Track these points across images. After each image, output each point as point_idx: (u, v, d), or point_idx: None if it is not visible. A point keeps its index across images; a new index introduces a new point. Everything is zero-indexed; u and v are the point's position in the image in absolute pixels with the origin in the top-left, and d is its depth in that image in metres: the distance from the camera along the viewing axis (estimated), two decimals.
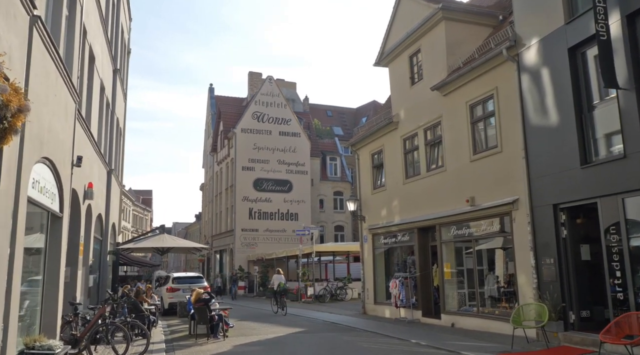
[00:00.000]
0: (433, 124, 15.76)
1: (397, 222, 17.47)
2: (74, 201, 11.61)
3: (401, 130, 17.53)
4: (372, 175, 19.68)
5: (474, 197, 13.65)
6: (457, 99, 14.55)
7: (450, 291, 14.96)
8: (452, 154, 14.74)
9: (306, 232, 27.72)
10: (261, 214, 40.44)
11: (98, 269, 16.57)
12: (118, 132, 19.46)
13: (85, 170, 12.56)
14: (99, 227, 16.40)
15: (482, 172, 13.47)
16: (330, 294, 27.06)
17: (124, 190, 65.72)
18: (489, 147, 13.41)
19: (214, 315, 13.01)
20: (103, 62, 14.87)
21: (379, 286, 18.97)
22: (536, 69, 11.67)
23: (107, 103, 16.42)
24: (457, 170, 14.47)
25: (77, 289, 11.91)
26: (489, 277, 13.73)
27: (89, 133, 12.62)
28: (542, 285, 11.16)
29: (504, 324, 12.32)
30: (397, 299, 16.31)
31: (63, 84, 8.93)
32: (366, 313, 19.33)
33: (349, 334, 13.77)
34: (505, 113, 12.72)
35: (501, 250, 13.38)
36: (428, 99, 15.89)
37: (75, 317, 9.83)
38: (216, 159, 47.53)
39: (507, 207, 12.41)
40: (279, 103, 42.73)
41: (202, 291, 13.39)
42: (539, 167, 11.48)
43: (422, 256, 16.33)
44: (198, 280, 21.54)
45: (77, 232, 12.04)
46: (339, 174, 46.99)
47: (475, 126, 14.01)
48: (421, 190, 16.24)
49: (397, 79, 18.06)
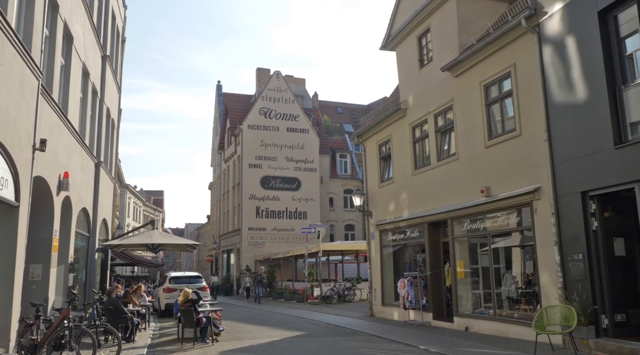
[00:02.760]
0: (444, 109, 14.42)
1: (406, 216, 16.15)
2: (42, 191, 10.50)
3: (410, 117, 16.20)
4: (379, 168, 18.36)
5: (489, 187, 12.29)
6: (470, 79, 13.20)
7: (464, 292, 13.59)
8: (465, 140, 13.39)
9: (312, 230, 26.45)
10: (268, 212, 39.26)
11: (85, 268, 15.50)
12: (110, 123, 18.40)
13: (61, 159, 11.45)
14: (85, 222, 15.32)
15: (498, 159, 12.11)
16: (338, 295, 25.78)
17: (134, 190, 65.41)
18: (506, 130, 12.04)
19: (201, 318, 11.81)
20: (86, 44, 13.78)
21: (387, 286, 17.64)
22: (560, 40, 10.29)
23: (93, 90, 15.34)
24: (471, 158, 13.12)
25: (49, 288, 10.80)
26: (507, 276, 12.35)
27: (65, 118, 11.52)
28: (569, 285, 9.76)
29: (524, 328, 10.96)
30: (406, 300, 14.98)
31: (15, 53, 7.80)
32: (373, 315, 18.02)
33: (351, 339, 12.48)
34: (525, 92, 11.35)
35: (520, 245, 12.01)
36: (438, 82, 14.56)
37: (36, 320, 8.68)
38: (223, 156, 46.51)
39: (528, 197, 11.03)
40: (286, 98, 41.54)
41: (191, 291, 12.20)
42: (564, 150, 10.09)
43: (433, 253, 14.98)
44: (196, 280, 20.42)
45: (49, 226, 10.92)
46: (350, 172, 45.64)
47: (491, 108, 12.64)
48: (431, 182, 14.90)
49: (404, 63, 16.73)
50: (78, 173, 13.37)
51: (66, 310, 8.78)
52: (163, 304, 19.63)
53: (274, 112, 40.82)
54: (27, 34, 8.67)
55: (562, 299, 9.80)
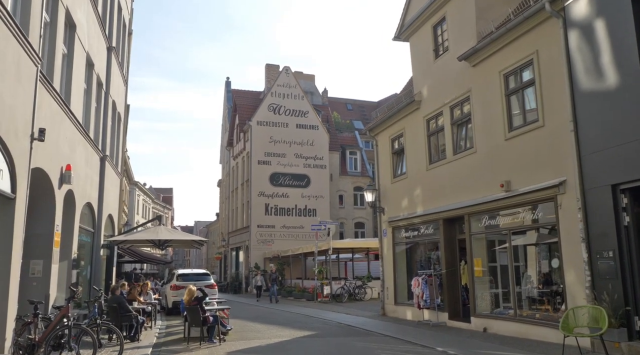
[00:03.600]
0: (461, 100, 13.83)
1: (420, 213, 15.58)
2: (43, 184, 10.09)
3: (424, 109, 15.62)
4: (391, 163, 17.80)
5: (509, 182, 11.69)
6: (488, 68, 12.61)
7: (482, 291, 13.02)
8: (483, 132, 12.80)
9: (322, 227, 25.91)
10: (278, 209, 38.78)
11: (90, 264, 15.11)
12: (116, 117, 18.00)
13: (63, 151, 11.03)
14: (90, 218, 14.93)
15: (519, 151, 11.51)
16: (348, 294, 25.25)
17: (143, 187, 65.26)
18: (527, 122, 11.43)
19: (207, 317, 11.34)
20: (90, 34, 13.36)
21: (400, 285, 17.09)
22: (588, 23, 9.68)
23: (98, 81, 14.93)
24: (489, 152, 12.53)
25: (50, 285, 10.38)
26: (527, 274, 11.76)
27: (67, 109, 11.09)
28: (598, 284, 9.17)
29: (547, 330, 10.39)
30: (420, 299, 14.42)
31: (9, 35, 7.36)
32: (385, 315, 17.48)
33: (364, 339, 11.96)
34: (548, 81, 10.74)
35: (543, 242, 11.41)
36: (455, 73, 13.97)
37: (34, 318, 8.25)
38: (232, 153, 46.12)
39: (552, 191, 10.43)
40: (296, 94, 41.01)
41: (196, 289, 11.73)
42: (593, 140, 9.49)
43: (449, 251, 14.41)
44: (204, 277, 20.00)
45: (50, 221, 10.51)
46: (360, 169, 45.05)
47: (511, 99, 12.04)
48: (447, 177, 14.32)
49: (419, 53, 16.15)
50: (82, 166, 12.96)
51: (65, 308, 8.34)
52: (170, 302, 19.22)
53: (283, 108, 40.33)
54: (24, 18, 8.23)
55: (591, 299, 9.20)
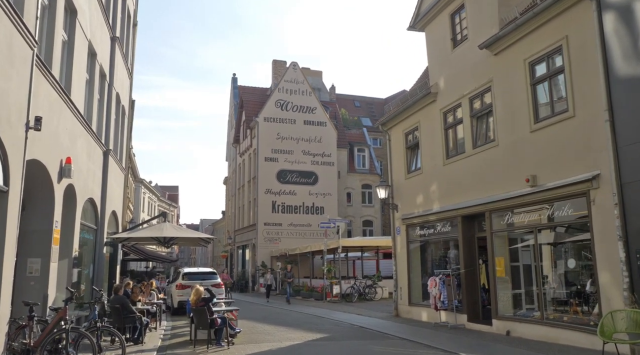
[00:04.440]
0: (481, 91, 13.13)
1: (436, 210, 14.90)
2: (41, 177, 9.49)
3: (441, 102, 14.93)
4: (405, 158, 17.10)
5: (535, 176, 10.99)
6: (512, 57, 11.90)
7: (504, 292, 12.32)
8: (506, 125, 12.10)
9: (332, 225, 25.24)
10: (285, 207, 38.16)
11: (92, 263, 14.53)
12: (120, 110, 17.41)
13: (63, 143, 10.43)
14: (92, 214, 14.35)
15: (546, 144, 10.81)
16: (358, 293, 24.59)
17: (148, 185, 64.83)
18: (555, 112, 10.72)
19: (215, 319, 10.72)
20: (92, 22, 12.76)
21: (414, 285, 16.41)
22: (626, 4, 8.97)
23: (101, 72, 14.34)
24: (513, 144, 11.83)
25: (49, 285, 9.79)
26: (554, 274, 11.06)
27: (68, 99, 10.49)
28: (638, 286, 8.47)
29: (579, 334, 9.71)
30: (437, 300, 13.75)
31: (2, 14, 6.74)
32: (399, 315, 16.81)
33: (380, 343, 11.31)
34: (579, 68, 10.04)
35: (573, 240, 10.71)
36: (474, 62, 13.28)
37: (29, 321, 7.66)
38: (239, 150, 45.52)
39: (584, 186, 9.73)
40: (303, 90, 40.35)
41: (203, 289, 11.12)
42: (630, 131, 8.79)
43: (467, 249, 13.72)
44: (210, 276, 19.40)
45: (48, 216, 9.91)
46: (368, 166, 44.35)
47: (537, 88, 11.33)
48: (466, 172, 13.63)
49: (435, 43, 15.45)
50: (84, 160, 12.36)
51: (63, 310, 7.74)
52: (176, 302, 18.65)
53: (291, 105, 39.67)
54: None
55: (630, 302, 8.51)
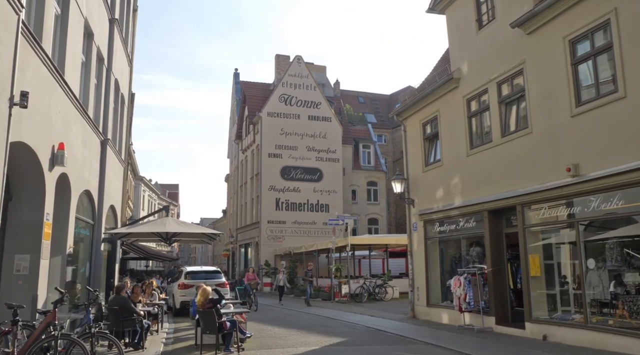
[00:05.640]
0: (511, 74, 12.08)
1: (459, 204, 13.86)
2: (29, 164, 8.46)
3: (464, 88, 13.88)
4: (423, 149, 16.06)
5: (577, 165, 9.96)
6: (549, 35, 10.86)
7: (539, 292, 11.28)
8: (542, 110, 11.06)
9: (340, 222, 24.19)
10: (289, 204, 37.09)
11: (89, 261, 13.49)
12: (119, 98, 16.35)
13: (55, 126, 9.39)
14: (89, 208, 13.31)
15: (591, 129, 9.77)
16: (368, 293, 23.56)
17: (148, 183, 63.72)
18: (601, 94, 9.68)
19: (224, 322, 9.67)
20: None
21: (433, 285, 15.38)
22: None
23: (98, 55, 13.29)
24: (550, 131, 10.78)
25: (38, 285, 8.74)
26: (596, 273, 10.01)
27: (60, 78, 9.44)
28: None
29: (632, 340, 8.66)
30: (462, 301, 12.72)
31: None
32: (416, 317, 15.78)
33: (404, 349, 10.26)
34: (631, 44, 9.01)
35: (623, 236, 9.66)
36: (504, 43, 12.24)
37: (13, 326, 6.61)
38: (241, 146, 44.45)
39: (638, 175, 8.69)
40: (308, 85, 39.27)
41: (211, 289, 10.08)
42: None
43: (495, 246, 12.69)
44: (215, 275, 18.38)
45: (38, 208, 8.86)
46: (373, 163, 43.29)
47: (579, 68, 10.29)
48: (493, 162, 12.60)
49: (457, 26, 14.40)
50: (79, 148, 11.32)
51: (51, 313, 6.71)
52: (178, 302, 17.62)
53: (295, 99, 38.61)
54: None
55: None
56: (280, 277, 24.26)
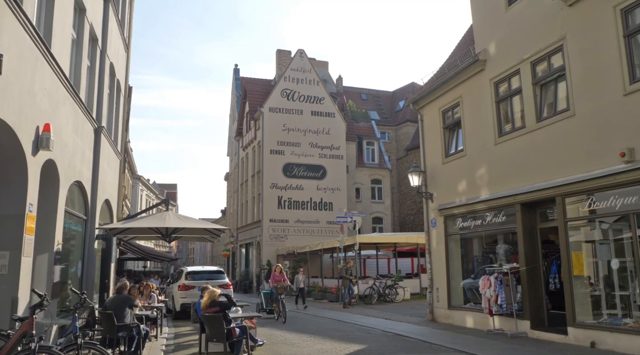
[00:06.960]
0: (548, 52, 10.93)
1: (486, 197, 12.70)
2: (9, 146, 7.27)
3: (491, 70, 12.73)
4: (442, 139, 14.90)
5: (633, 149, 8.81)
6: (595, 5, 9.71)
7: (583, 294, 10.12)
8: (586, 89, 9.90)
9: (349, 219, 23.00)
10: (291, 203, 35.86)
11: (82, 259, 12.28)
12: (115, 84, 15.14)
13: (40, 105, 8.20)
14: (82, 202, 12.11)
15: None
16: (378, 294, 22.38)
17: (146, 182, 62.48)
18: None
19: (233, 329, 8.48)
20: None
21: (455, 285, 14.22)
22: None
23: (91, 34, 12.11)
24: (597, 112, 9.63)
25: (19, 286, 7.54)
26: None
27: (46, 50, 8.25)
28: None
29: None
30: (493, 303, 11.55)
31: None
32: (435, 320, 14.62)
33: None
34: None
35: None
36: (539, 19, 11.09)
37: None
38: (241, 143, 43.22)
39: None
40: (310, 79, 38.08)
41: (219, 292, 8.89)
42: None
43: (528, 243, 11.53)
44: (217, 275, 17.20)
45: (19, 198, 7.66)
46: (377, 160, 42.14)
47: (632, 41, 9.14)
48: (526, 150, 11.44)
49: (483, 2, 13.25)
50: (68, 133, 10.12)
51: (27, 322, 5.51)
52: (178, 304, 16.44)
53: (297, 94, 37.40)
54: None
55: None
56: (301, 278, 21.08)
